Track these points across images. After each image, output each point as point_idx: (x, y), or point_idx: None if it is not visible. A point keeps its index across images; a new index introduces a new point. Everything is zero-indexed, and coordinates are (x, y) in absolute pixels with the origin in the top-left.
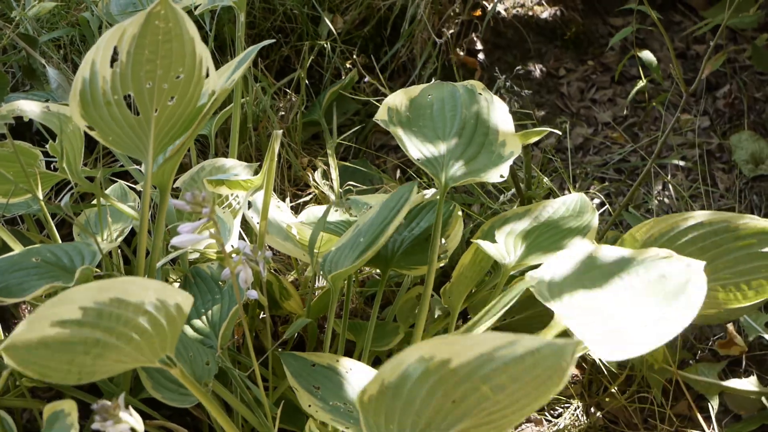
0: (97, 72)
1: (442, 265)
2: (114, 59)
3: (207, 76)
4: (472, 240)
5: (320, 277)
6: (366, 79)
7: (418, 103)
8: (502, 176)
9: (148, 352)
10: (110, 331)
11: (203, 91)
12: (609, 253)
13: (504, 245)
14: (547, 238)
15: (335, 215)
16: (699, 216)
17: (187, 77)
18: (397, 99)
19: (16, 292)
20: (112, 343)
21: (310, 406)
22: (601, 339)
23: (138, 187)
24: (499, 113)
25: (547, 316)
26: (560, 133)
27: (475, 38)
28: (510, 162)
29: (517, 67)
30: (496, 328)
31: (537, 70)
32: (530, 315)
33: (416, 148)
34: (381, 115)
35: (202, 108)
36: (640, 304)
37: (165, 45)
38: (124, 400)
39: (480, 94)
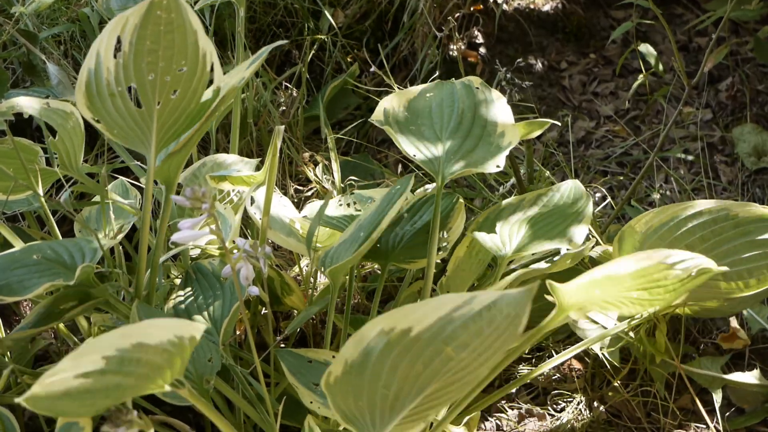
0: (102, 63)
1: (443, 257)
2: (117, 50)
3: (211, 70)
4: (467, 232)
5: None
6: (372, 70)
7: (416, 103)
8: (498, 166)
9: (161, 382)
10: (130, 375)
11: (209, 87)
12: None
13: (500, 236)
14: (543, 227)
15: (339, 210)
16: (698, 205)
17: (190, 70)
18: (395, 101)
19: (17, 291)
20: (131, 384)
21: (312, 402)
22: None
23: (141, 183)
24: (497, 106)
25: (548, 312)
26: (561, 125)
27: (476, 32)
28: (507, 152)
29: (519, 61)
30: None
31: (538, 63)
32: (535, 309)
33: (412, 146)
34: (377, 116)
35: (207, 104)
36: None
37: (167, 36)
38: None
39: (477, 88)
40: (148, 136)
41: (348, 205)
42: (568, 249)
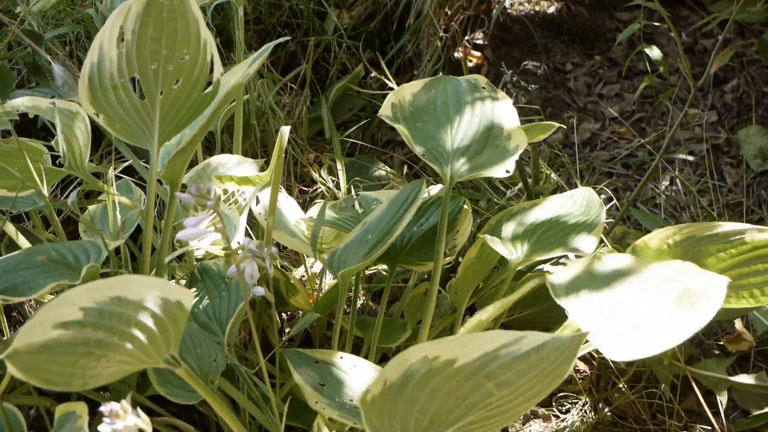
0: (105, 54)
1: (450, 260)
2: (120, 40)
3: (212, 62)
4: (478, 235)
5: (327, 273)
6: (372, 75)
7: (421, 99)
8: (508, 171)
9: (152, 352)
10: (113, 331)
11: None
12: (624, 260)
13: (511, 241)
14: (553, 233)
15: (343, 211)
16: (716, 227)
17: (192, 60)
18: (400, 94)
19: (22, 291)
20: (115, 343)
21: (317, 403)
22: (613, 341)
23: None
24: (503, 107)
25: (556, 312)
26: (566, 126)
27: (481, 33)
28: (516, 156)
29: (524, 63)
30: (504, 324)
31: (544, 65)
32: (540, 310)
33: (421, 144)
34: (385, 111)
35: (208, 97)
36: (654, 307)
37: (169, 24)
38: (131, 398)
39: (483, 88)
40: (150, 128)
41: (352, 206)
42: (577, 256)
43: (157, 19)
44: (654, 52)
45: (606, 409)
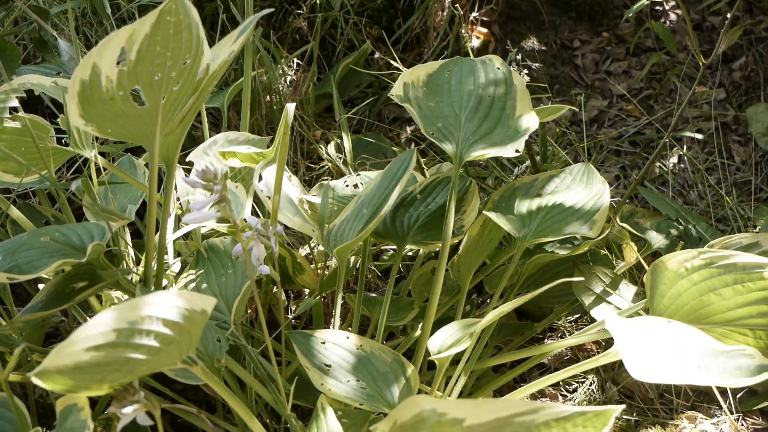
0: (101, 73)
1: (458, 240)
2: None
3: (203, 53)
4: (483, 212)
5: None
6: (384, 48)
7: (436, 79)
8: (517, 151)
9: (174, 356)
10: (140, 348)
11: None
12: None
13: (518, 218)
14: (558, 213)
15: (348, 189)
16: (734, 257)
17: (192, 61)
18: (414, 74)
19: (26, 270)
20: (143, 358)
21: (322, 384)
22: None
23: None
24: (516, 87)
25: (565, 291)
26: (570, 107)
27: (489, 10)
28: (526, 137)
29: (528, 40)
30: (518, 311)
31: (551, 42)
32: (548, 291)
33: (431, 123)
34: (396, 91)
35: (200, 82)
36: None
37: (175, 37)
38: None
39: (498, 68)
40: (152, 129)
41: (355, 186)
42: (584, 238)
43: (164, 37)
44: (661, 29)
45: (613, 389)
